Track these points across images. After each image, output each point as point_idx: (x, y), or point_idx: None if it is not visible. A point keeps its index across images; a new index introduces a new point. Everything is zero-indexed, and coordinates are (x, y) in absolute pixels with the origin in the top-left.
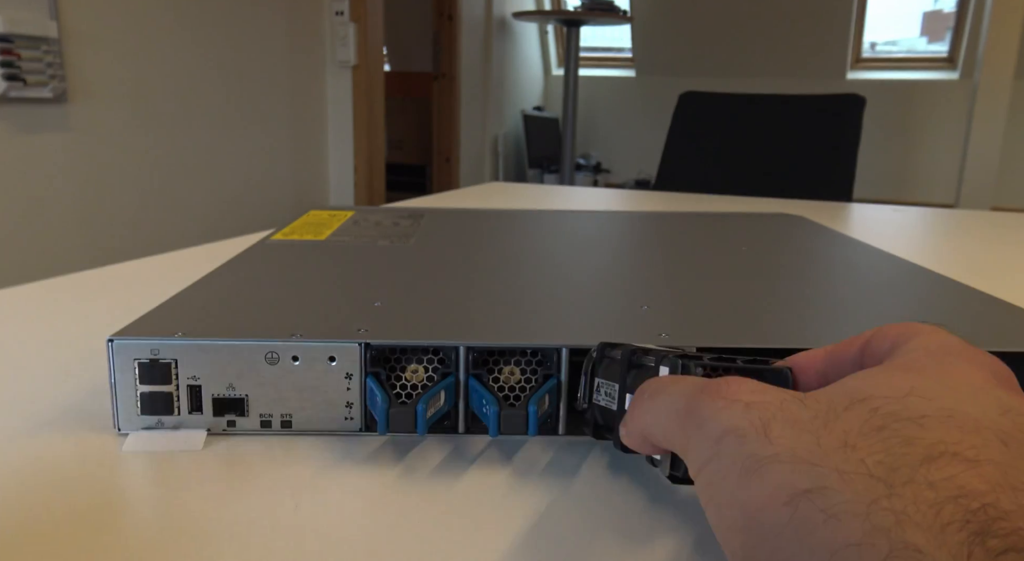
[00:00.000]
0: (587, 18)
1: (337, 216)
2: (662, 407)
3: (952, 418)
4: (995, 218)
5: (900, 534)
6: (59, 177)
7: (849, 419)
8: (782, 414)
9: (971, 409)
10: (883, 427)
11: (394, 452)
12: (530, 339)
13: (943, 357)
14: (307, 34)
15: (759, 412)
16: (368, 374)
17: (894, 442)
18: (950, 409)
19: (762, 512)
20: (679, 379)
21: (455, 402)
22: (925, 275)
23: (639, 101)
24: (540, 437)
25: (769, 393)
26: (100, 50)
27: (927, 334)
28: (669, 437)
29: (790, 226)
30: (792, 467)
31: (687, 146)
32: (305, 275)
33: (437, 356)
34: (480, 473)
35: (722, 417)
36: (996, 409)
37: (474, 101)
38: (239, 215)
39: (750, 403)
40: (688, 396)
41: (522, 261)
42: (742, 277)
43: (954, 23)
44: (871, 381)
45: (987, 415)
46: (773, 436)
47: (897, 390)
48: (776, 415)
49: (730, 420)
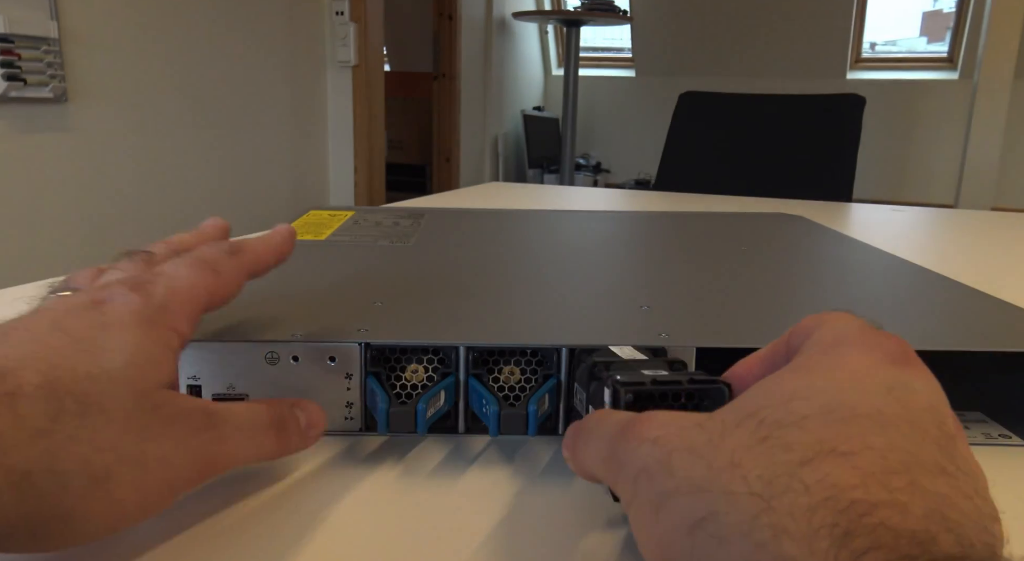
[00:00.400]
0: (587, 18)
1: (337, 216)
2: (592, 449)
3: (831, 413)
4: (995, 218)
5: (777, 548)
6: (59, 177)
7: (738, 436)
8: (682, 443)
9: (851, 398)
10: (767, 437)
11: (394, 452)
12: (530, 339)
13: (835, 348)
14: (307, 34)
15: (663, 446)
16: (368, 374)
17: (776, 451)
18: (830, 404)
19: (671, 546)
20: (604, 418)
21: (455, 402)
22: (925, 275)
23: (639, 101)
24: (540, 437)
25: (673, 424)
26: (100, 50)
27: (826, 325)
28: (601, 478)
29: (790, 226)
30: (689, 498)
31: (687, 146)
32: (305, 275)
33: (437, 356)
34: (480, 473)
35: (635, 458)
36: (880, 391)
37: (474, 101)
38: (239, 215)
39: (656, 439)
40: (610, 440)
41: (522, 261)
42: (742, 277)
43: (954, 23)
44: (762, 391)
45: (867, 401)
46: (674, 468)
47: (781, 396)
48: (677, 446)
49: (641, 460)
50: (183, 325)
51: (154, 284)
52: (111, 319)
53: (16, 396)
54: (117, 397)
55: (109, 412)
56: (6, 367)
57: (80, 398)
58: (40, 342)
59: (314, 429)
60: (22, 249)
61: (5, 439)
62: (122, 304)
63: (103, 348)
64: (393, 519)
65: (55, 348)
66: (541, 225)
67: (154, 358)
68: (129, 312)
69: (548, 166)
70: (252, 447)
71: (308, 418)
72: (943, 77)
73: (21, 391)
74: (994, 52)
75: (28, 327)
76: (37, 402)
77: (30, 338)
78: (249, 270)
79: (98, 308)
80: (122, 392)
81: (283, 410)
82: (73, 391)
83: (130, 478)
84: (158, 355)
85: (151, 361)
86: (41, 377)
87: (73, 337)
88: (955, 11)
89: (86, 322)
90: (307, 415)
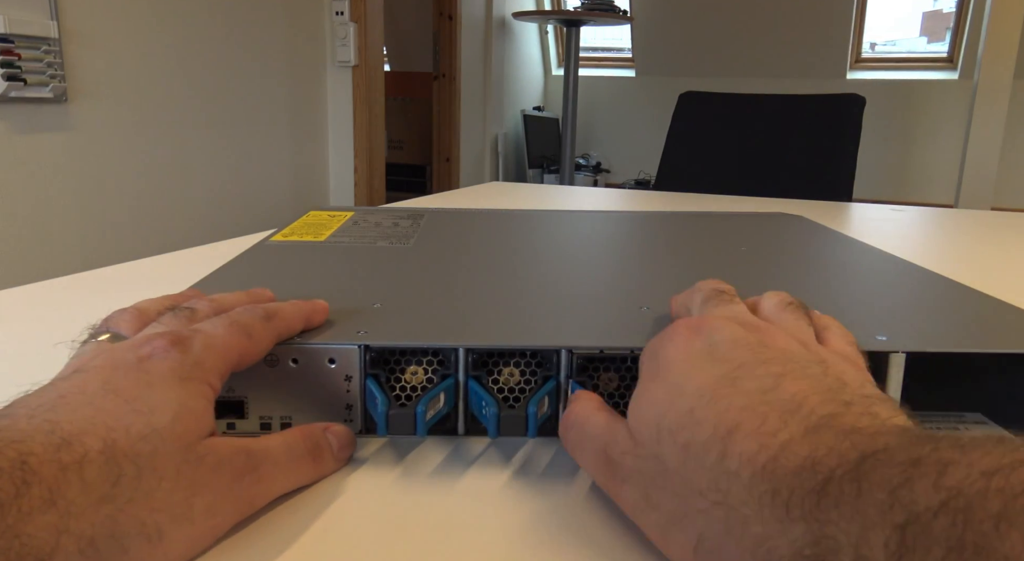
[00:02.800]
0: (587, 18)
1: (337, 217)
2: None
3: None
4: (995, 218)
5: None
6: (59, 177)
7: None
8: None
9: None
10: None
11: (394, 453)
12: (530, 340)
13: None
14: (307, 34)
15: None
16: (368, 376)
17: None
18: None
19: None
20: (590, 417)
21: (455, 404)
22: (925, 275)
23: (639, 101)
24: (540, 438)
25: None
26: (100, 50)
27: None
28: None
29: (790, 226)
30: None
31: (687, 146)
32: (305, 276)
33: (437, 358)
34: (480, 474)
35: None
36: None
37: (474, 101)
38: (239, 215)
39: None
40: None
41: (522, 261)
42: (742, 277)
43: (954, 23)
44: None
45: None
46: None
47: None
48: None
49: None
50: (215, 381)
51: (192, 341)
52: (155, 377)
53: (83, 463)
54: (168, 454)
55: (161, 471)
56: (71, 433)
57: (136, 460)
58: (95, 406)
59: (345, 451)
60: (22, 249)
61: (75, 506)
62: (163, 361)
63: (151, 407)
64: (393, 520)
65: (110, 412)
66: (541, 225)
67: (195, 411)
68: (170, 369)
69: (548, 166)
70: (291, 478)
71: (339, 440)
72: (943, 77)
73: (87, 458)
74: (994, 52)
75: (83, 390)
76: (100, 468)
77: (86, 402)
78: (279, 335)
79: (142, 365)
80: (171, 449)
81: (317, 436)
82: (129, 453)
83: (180, 534)
84: (198, 408)
85: (193, 415)
86: (102, 443)
87: (124, 397)
88: (955, 11)
89: (133, 380)
90: (338, 438)
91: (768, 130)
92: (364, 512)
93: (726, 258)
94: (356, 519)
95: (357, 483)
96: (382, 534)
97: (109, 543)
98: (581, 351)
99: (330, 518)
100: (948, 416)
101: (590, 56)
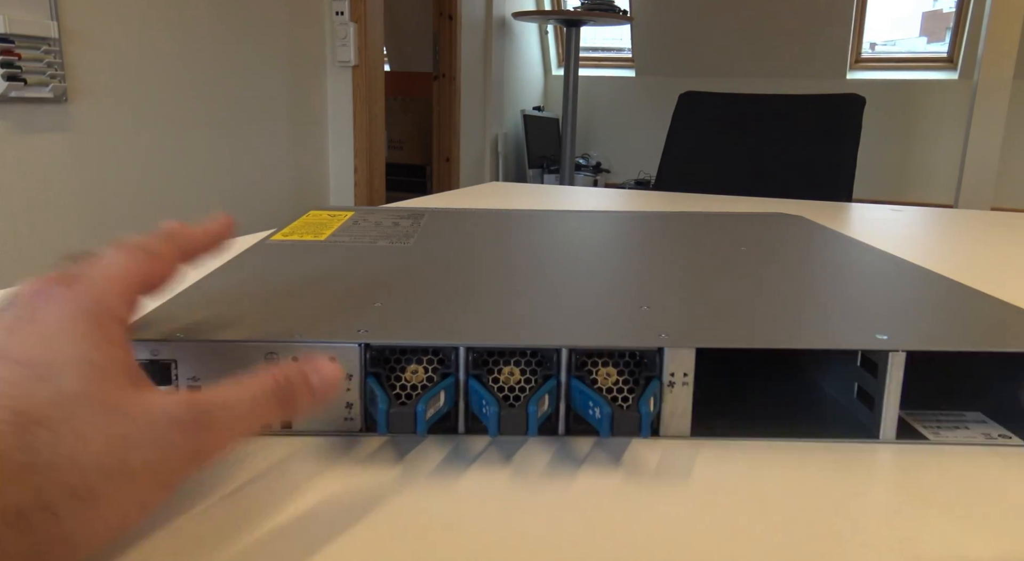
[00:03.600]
0: (587, 18)
1: (337, 216)
2: None
3: None
4: (995, 218)
5: None
6: (59, 177)
7: None
8: None
9: None
10: None
11: (394, 452)
12: (530, 340)
13: None
14: (307, 34)
15: None
16: (368, 374)
17: None
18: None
19: None
20: None
21: (455, 402)
22: (925, 275)
23: (639, 101)
24: (540, 437)
25: None
26: (100, 50)
27: None
28: None
29: (790, 226)
30: None
31: (687, 146)
32: (305, 275)
33: (437, 356)
34: (480, 473)
35: None
36: None
37: (474, 101)
38: (239, 215)
39: None
40: None
41: (522, 261)
42: (742, 277)
43: (954, 23)
44: None
45: None
46: None
47: None
48: None
49: None
50: (122, 310)
51: (84, 275)
52: (52, 328)
53: None
54: (86, 417)
55: (82, 432)
56: None
57: (50, 426)
58: None
59: (325, 388)
60: (22, 249)
61: None
62: (56, 304)
63: (54, 370)
64: (393, 519)
65: (8, 380)
66: (541, 225)
67: (106, 365)
68: (67, 313)
69: (548, 166)
70: (251, 425)
71: (321, 378)
72: (943, 77)
73: None
74: (994, 52)
75: None
76: (11, 438)
77: None
78: (185, 251)
79: (35, 316)
80: (89, 411)
81: (293, 380)
82: (43, 420)
83: (119, 491)
84: (109, 359)
85: (105, 370)
86: (8, 412)
87: (21, 363)
88: (955, 11)
89: (28, 341)
90: (319, 376)
91: (768, 130)
92: (364, 510)
93: (726, 258)
94: (356, 517)
95: (357, 481)
96: (382, 533)
97: (39, 513)
98: (581, 350)
99: (330, 516)
100: (948, 416)
101: (590, 56)
